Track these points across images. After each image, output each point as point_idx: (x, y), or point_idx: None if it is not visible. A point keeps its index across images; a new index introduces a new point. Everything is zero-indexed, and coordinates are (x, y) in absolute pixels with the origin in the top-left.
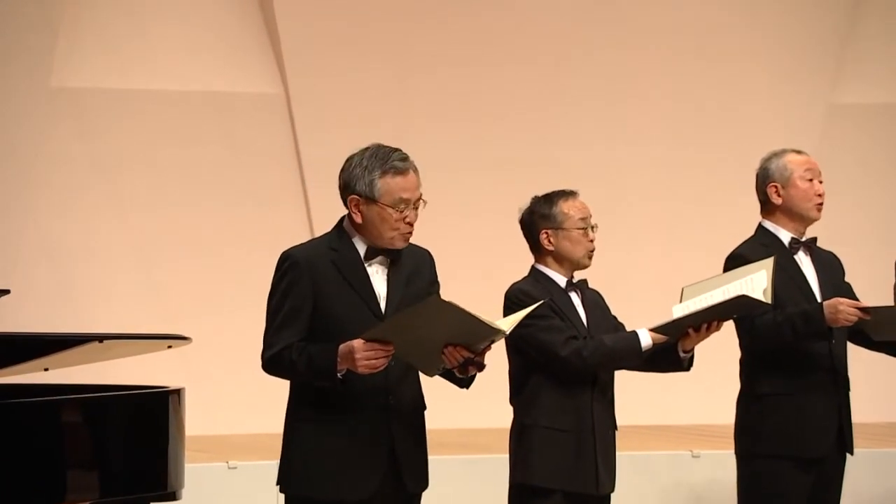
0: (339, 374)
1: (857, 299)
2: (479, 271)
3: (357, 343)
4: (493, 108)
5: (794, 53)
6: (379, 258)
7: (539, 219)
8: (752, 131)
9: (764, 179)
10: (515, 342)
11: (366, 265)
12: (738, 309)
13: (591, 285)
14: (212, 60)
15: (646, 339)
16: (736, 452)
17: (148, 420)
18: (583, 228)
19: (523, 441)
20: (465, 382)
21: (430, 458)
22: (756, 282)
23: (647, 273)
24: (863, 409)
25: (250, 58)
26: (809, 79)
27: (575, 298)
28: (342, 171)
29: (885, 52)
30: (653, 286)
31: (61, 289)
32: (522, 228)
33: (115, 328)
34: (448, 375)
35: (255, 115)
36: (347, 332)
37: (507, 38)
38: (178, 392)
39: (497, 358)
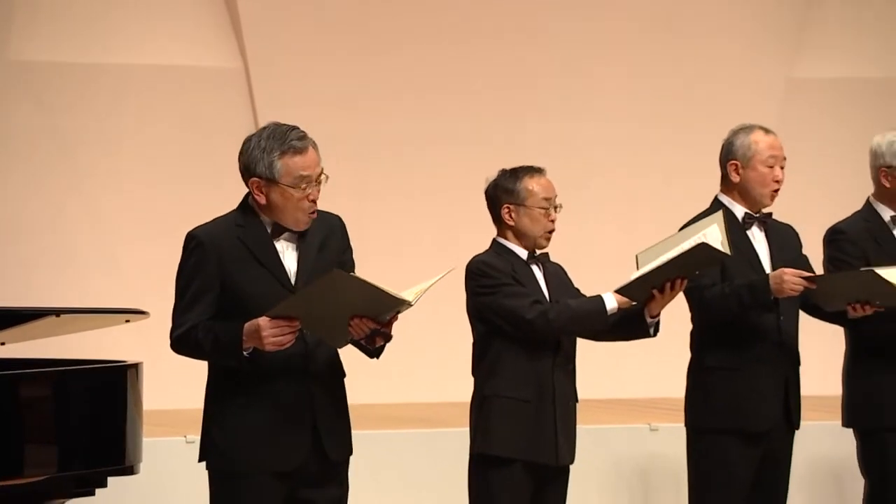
0: (245, 353)
1: (812, 271)
2: (442, 245)
3: (262, 321)
4: (456, 83)
5: (754, 28)
6: (286, 234)
7: (503, 193)
8: (713, 106)
9: (727, 154)
10: (479, 311)
11: (274, 241)
12: (700, 261)
13: (554, 260)
14: (171, 34)
15: (611, 302)
16: (686, 425)
17: (106, 394)
18: (545, 208)
19: (483, 411)
20: (374, 353)
21: (389, 432)
22: (710, 236)
23: (611, 248)
24: (816, 382)
25: (209, 32)
26: (769, 54)
27: (537, 271)
28: (241, 153)
29: (843, 27)
30: (616, 261)
31: (20, 264)
32: (487, 200)
33: (75, 304)
34: (358, 345)
35: (215, 89)
36: (260, 308)
37: (470, 12)
38: (135, 366)
39: (456, 333)
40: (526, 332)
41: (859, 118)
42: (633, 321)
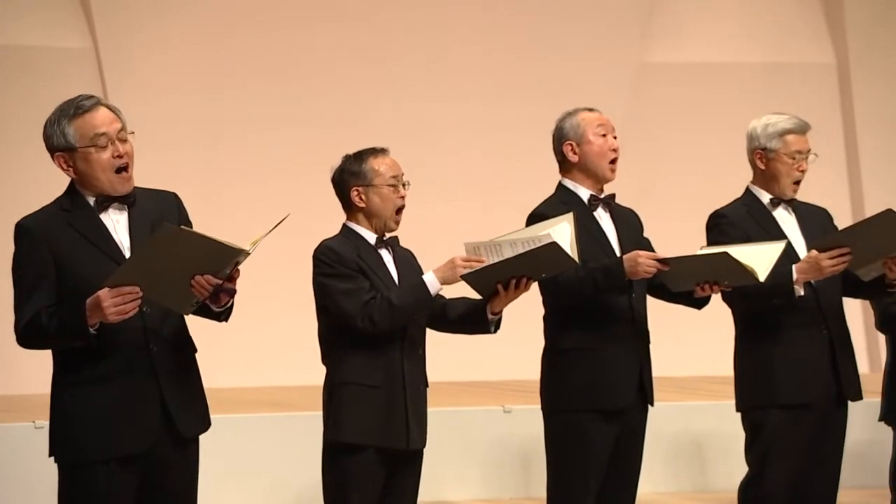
0: (92, 330)
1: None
2: (292, 230)
3: (102, 292)
4: (306, 65)
5: (605, 13)
6: (114, 205)
7: (349, 176)
8: (564, 89)
9: (560, 139)
10: (321, 300)
11: (102, 217)
12: (547, 262)
13: (404, 242)
14: (17, 14)
15: (434, 286)
16: (542, 408)
17: None
18: (393, 185)
19: (334, 399)
20: (222, 315)
21: (244, 416)
22: (559, 234)
23: (461, 231)
24: (666, 362)
25: (58, 11)
26: (620, 38)
27: (386, 255)
28: (42, 136)
29: (694, 12)
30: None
31: None
32: (334, 187)
33: None
34: (204, 312)
35: (64, 70)
36: (98, 288)
37: None
38: None
39: (312, 315)
40: (356, 334)
41: (710, 103)
42: (475, 316)
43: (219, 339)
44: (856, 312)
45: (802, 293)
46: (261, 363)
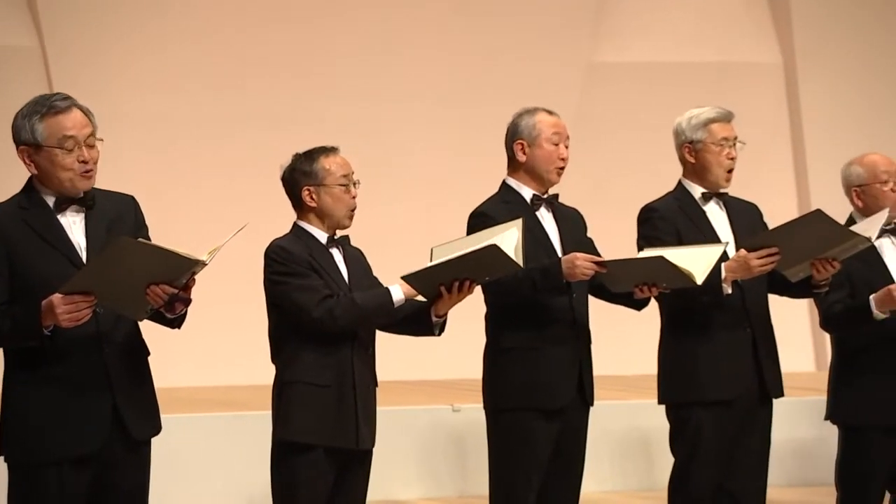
0: (46, 331)
1: (598, 254)
2: (245, 229)
3: (56, 298)
4: (260, 65)
5: (554, 12)
6: (72, 207)
7: (301, 176)
8: (514, 89)
9: (513, 135)
10: (272, 298)
11: (59, 217)
12: (490, 265)
13: (354, 241)
14: None
15: (398, 294)
16: (484, 406)
17: None
18: (344, 185)
19: (283, 397)
20: (176, 322)
21: (194, 415)
22: (506, 239)
23: (411, 229)
24: (610, 361)
25: (5, 9)
26: (570, 38)
27: (336, 255)
28: (11, 127)
29: (642, 13)
30: (416, 243)
31: None
32: (284, 186)
33: None
34: (158, 318)
35: (10, 68)
36: (52, 288)
37: None
38: None
39: (262, 315)
40: (311, 329)
41: (658, 102)
42: (419, 319)
43: (171, 339)
44: (802, 312)
45: (730, 291)
46: (212, 363)
